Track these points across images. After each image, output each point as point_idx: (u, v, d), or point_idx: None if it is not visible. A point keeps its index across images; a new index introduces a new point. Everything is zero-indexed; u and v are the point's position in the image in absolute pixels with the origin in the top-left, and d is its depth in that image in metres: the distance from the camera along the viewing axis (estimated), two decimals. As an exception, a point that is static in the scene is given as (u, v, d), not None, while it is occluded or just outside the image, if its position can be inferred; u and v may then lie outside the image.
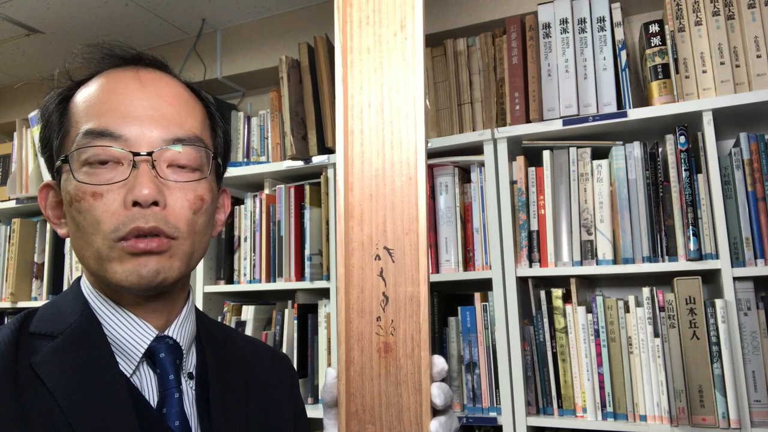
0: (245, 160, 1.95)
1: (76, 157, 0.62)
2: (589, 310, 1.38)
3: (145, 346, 0.64)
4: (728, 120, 1.39)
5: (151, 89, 0.65)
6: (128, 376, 0.63)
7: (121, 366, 0.63)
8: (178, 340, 0.67)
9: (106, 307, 0.65)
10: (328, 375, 0.61)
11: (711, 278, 1.38)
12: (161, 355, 0.65)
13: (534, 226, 1.46)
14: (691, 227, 1.31)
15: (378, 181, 0.60)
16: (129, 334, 0.64)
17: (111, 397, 0.60)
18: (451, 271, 1.55)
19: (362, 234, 0.60)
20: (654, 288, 1.32)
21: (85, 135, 0.61)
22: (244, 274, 1.79)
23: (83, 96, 0.65)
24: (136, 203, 0.60)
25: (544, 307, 1.42)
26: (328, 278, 1.65)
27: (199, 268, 1.80)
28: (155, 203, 0.61)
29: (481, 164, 1.54)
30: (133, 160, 0.61)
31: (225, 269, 1.83)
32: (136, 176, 0.61)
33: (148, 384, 0.64)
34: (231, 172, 1.78)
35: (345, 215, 0.60)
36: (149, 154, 0.62)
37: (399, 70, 0.61)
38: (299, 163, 1.71)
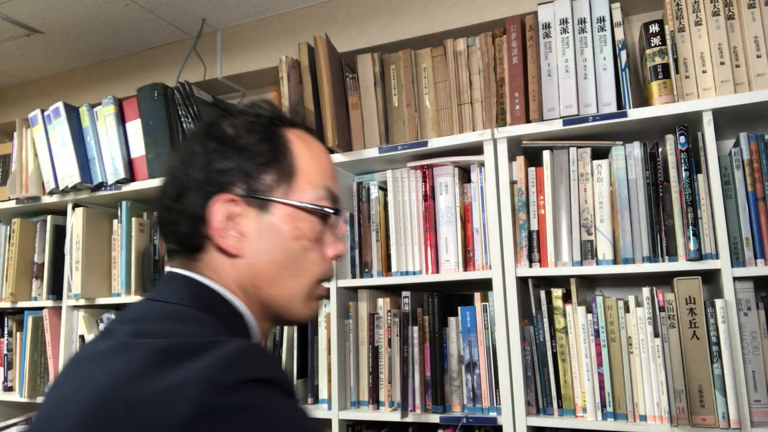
0: (245, 160, 1.94)
1: (327, 208, 0.73)
2: (589, 310, 1.38)
3: None
4: (728, 120, 1.39)
5: None
6: None
7: None
8: None
9: (254, 328, 0.72)
10: None
11: (711, 278, 1.38)
12: None
13: (534, 226, 1.46)
14: (691, 227, 1.31)
15: None
16: None
17: None
18: (451, 271, 1.55)
19: None
20: (654, 288, 1.32)
21: (330, 195, 0.74)
22: (244, 274, 1.79)
23: (310, 150, 0.75)
24: (335, 257, 0.75)
25: (544, 307, 1.42)
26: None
27: (199, 268, 1.80)
28: None
29: (481, 164, 1.54)
30: (342, 230, 0.77)
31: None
32: (340, 237, 0.77)
33: None
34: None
35: None
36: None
37: None
38: (299, 163, 1.71)
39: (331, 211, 0.73)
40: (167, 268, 0.73)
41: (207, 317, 0.65)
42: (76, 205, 2.01)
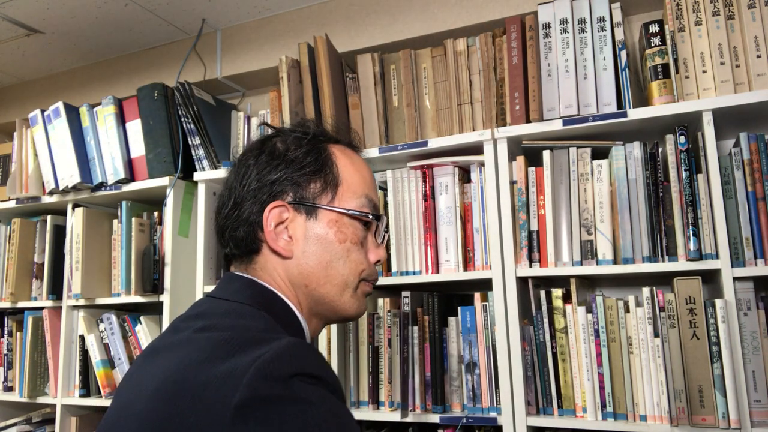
0: (245, 160, 1.94)
1: (370, 214, 0.81)
2: (589, 310, 1.38)
3: None
4: (728, 120, 1.39)
5: None
6: None
7: None
8: None
9: (305, 326, 0.79)
10: None
11: (711, 278, 1.38)
12: None
13: (534, 226, 1.46)
14: (691, 227, 1.31)
15: None
16: None
17: None
18: (451, 271, 1.55)
19: None
20: (654, 288, 1.32)
21: (371, 203, 0.82)
22: (244, 274, 1.79)
23: (352, 163, 0.82)
24: (377, 262, 0.83)
25: (544, 307, 1.42)
26: (328, 278, 1.65)
27: (199, 268, 1.80)
28: None
29: (481, 164, 1.54)
30: (384, 236, 0.85)
31: (225, 269, 1.83)
32: (381, 243, 0.84)
33: None
34: (231, 172, 1.78)
35: None
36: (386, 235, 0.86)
37: None
38: (299, 163, 1.71)
39: (372, 217, 0.81)
40: (228, 271, 0.82)
41: (265, 315, 0.71)
42: (76, 205, 2.01)
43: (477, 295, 1.49)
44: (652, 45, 1.44)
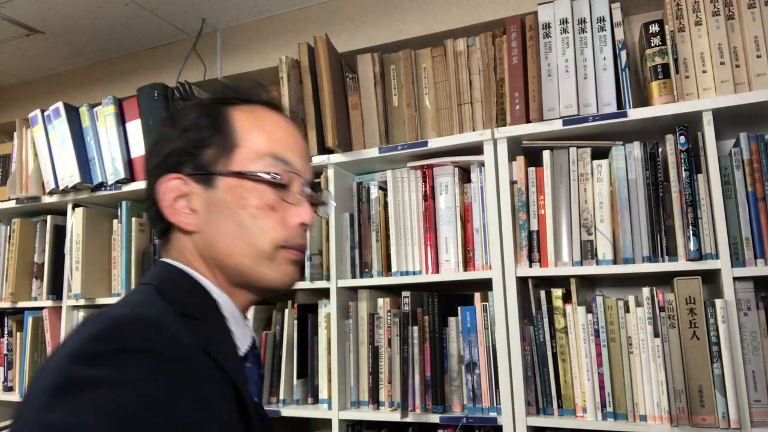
0: (245, 160, 1.94)
1: (263, 174, 0.72)
2: (589, 310, 1.38)
3: (251, 339, 0.74)
4: (728, 120, 1.39)
5: (301, 140, 0.80)
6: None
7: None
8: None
9: (224, 299, 0.72)
10: None
11: (711, 278, 1.38)
12: (255, 351, 0.77)
13: (534, 226, 1.46)
14: (691, 227, 1.31)
15: None
16: (241, 328, 0.73)
17: (246, 382, 0.70)
18: (451, 271, 1.55)
19: None
20: (654, 288, 1.32)
21: (280, 162, 0.73)
22: (244, 274, 1.79)
23: (256, 122, 0.75)
24: (302, 224, 0.73)
25: (544, 307, 1.42)
26: (328, 278, 1.65)
27: (199, 268, 1.80)
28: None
29: (481, 164, 1.54)
30: (309, 194, 0.76)
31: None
32: (303, 203, 0.74)
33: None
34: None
35: None
36: (317, 191, 0.78)
37: None
38: (299, 163, 1.71)
39: (271, 176, 0.72)
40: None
41: (151, 291, 0.68)
42: (76, 205, 2.01)
43: (477, 295, 1.49)
44: (652, 45, 1.44)
